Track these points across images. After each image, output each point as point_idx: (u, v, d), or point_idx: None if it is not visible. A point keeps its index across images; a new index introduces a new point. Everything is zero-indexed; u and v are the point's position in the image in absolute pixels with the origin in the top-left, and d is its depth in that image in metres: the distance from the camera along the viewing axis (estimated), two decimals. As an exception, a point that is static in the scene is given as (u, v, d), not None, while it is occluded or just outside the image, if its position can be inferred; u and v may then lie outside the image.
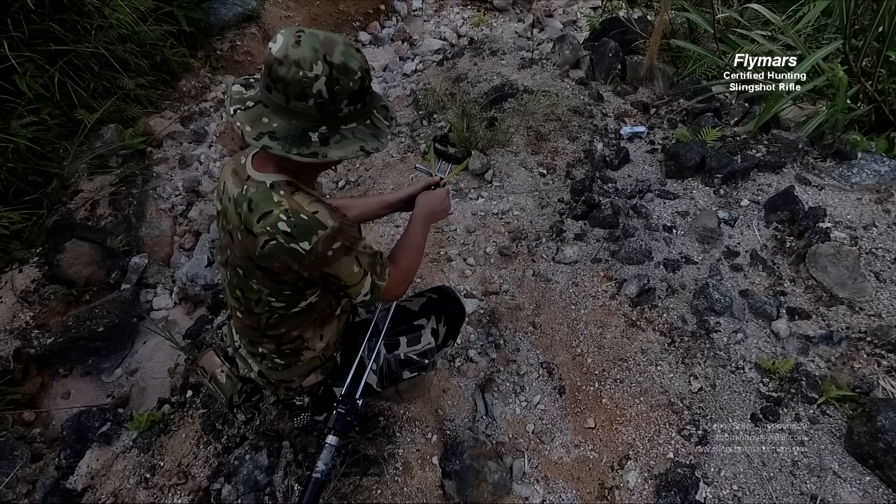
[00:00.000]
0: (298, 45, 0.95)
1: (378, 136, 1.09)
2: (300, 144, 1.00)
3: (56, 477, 1.93)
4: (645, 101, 3.20)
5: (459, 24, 4.89)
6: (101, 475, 1.89)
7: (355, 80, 1.00)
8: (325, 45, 0.96)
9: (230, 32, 4.13)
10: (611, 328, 2.10)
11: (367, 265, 1.16)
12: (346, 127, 1.05)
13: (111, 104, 3.23)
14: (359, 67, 1.00)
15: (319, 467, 1.28)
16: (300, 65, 0.94)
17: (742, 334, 2.02)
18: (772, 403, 1.82)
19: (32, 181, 2.89)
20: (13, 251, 2.66)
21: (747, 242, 2.36)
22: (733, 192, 2.57)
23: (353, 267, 1.13)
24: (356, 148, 1.04)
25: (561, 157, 2.86)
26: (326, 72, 0.96)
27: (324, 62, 0.95)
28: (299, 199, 1.07)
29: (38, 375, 2.43)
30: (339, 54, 0.97)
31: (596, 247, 2.40)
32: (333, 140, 1.03)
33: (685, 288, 2.20)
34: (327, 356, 1.41)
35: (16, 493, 1.94)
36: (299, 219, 1.04)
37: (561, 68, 3.41)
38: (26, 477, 1.98)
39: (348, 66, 0.98)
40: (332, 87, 0.97)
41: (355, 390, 1.40)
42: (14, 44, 2.81)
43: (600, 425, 1.86)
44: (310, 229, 1.04)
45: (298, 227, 1.04)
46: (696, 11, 3.00)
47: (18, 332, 2.39)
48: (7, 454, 2.01)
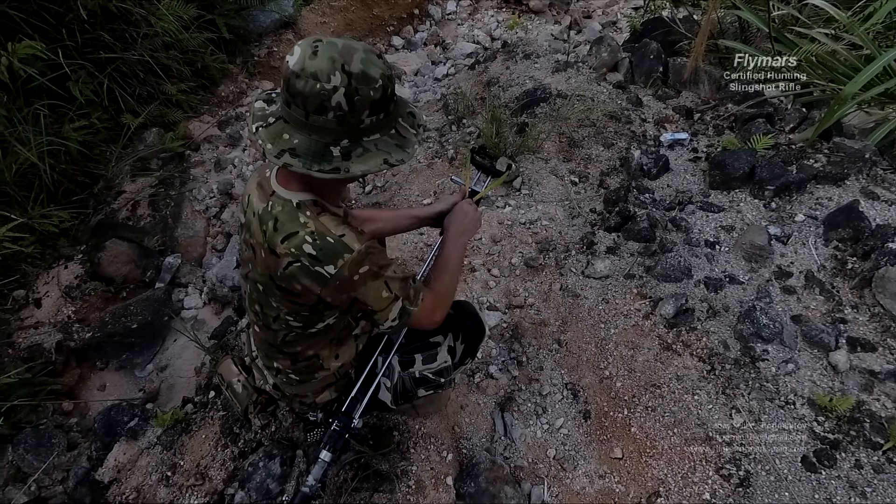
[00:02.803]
0: (315, 56, 0.90)
1: (404, 147, 1.02)
2: (321, 160, 0.95)
3: (87, 468, 2.00)
4: (688, 106, 3.01)
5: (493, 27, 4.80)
6: (126, 469, 1.93)
7: (376, 88, 0.94)
8: (343, 54, 0.90)
9: (267, 39, 4.23)
10: (643, 350, 1.96)
11: (397, 290, 1.11)
12: (368, 139, 0.99)
13: (154, 109, 3.36)
14: (380, 75, 0.94)
15: (309, 482, 1.25)
16: (317, 77, 0.89)
17: (793, 365, 1.84)
18: (827, 446, 1.64)
19: (81, 182, 3.03)
20: (60, 248, 2.79)
21: (802, 262, 2.16)
22: (787, 206, 2.37)
23: (382, 292, 1.09)
24: (379, 161, 0.98)
25: (594, 165, 2.73)
26: (345, 82, 0.90)
27: (342, 72, 0.90)
28: (326, 220, 1.03)
29: (77, 367, 2.53)
30: (357, 62, 0.91)
31: (629, 261, 2.26)
32: (356, 154, 0.97)
33: (728, 310, 2.03)
34: (342, 374, 1.38)
35: (52, 479, 2.01)
36: (325, 242, 1.00)
37: (597, 71, 3.27)
38: (62, 465, 2.05)
39: (368, 75, 0.92)
40: (352, 97, 0.92)
41: (354, 409, 1.36)
42: (68, 52, 2.95)
43: (628, 456, 1.73)
44: (335, 253, 1.00)
45: (324, 250, 1.00)
46: (748, 9, 2.79)
47: (61, 326, 2.50)
48: (46, 441, 2.08)
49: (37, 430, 2.06)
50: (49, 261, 2.71)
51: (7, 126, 2.59)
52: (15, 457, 1.98)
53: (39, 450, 2.00)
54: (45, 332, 2.43)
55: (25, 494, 1.89)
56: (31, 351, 2.30)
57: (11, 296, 2.49)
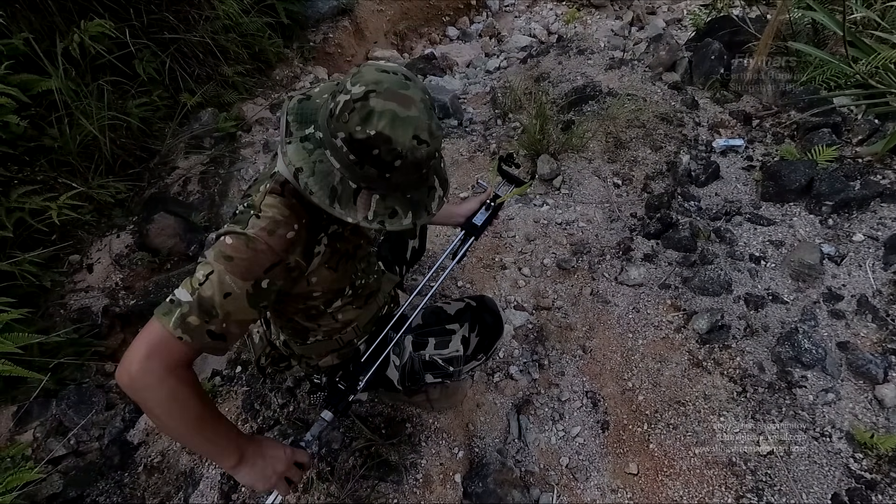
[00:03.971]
0: (394, 127, 0.89)
1: (416, 212, 1.01)
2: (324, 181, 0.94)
3: (120, 428, 2.12)
4: (747, 111, 2.83)
5: (551, 21, 4.68)
6: (154, 433, 2.03)
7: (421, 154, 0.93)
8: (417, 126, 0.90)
9: (324, 25, 4.30)
10: (671, 365, 1.89)
11: (190, 283, 0.93)
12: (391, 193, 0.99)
13: (210, 89, 3.49)
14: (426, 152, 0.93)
15: (306, 437, 1.25)
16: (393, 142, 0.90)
17: (834, 395, 1.72)
18: (863, 486, 1.52)
19: (138, 156, 3.19)
20: (115, 218, 2.96)
21: (856, 285, 2.00)
22: (845, 224, 2.20)
23: (197, 275, 0.94)
24: (378, 221, 0.97)
25: (640, 168, 2.62)
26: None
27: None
28: (269, 199, 1.00)
29: (122, 332, 2.67)
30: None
31: (666, 270, 2.17)
32: (361, 197, 0.96)
33: (768, 330, 1.91)
34: (344, 342, 1.37)
35: (89, 435, 2.14)
36: (247, 211, 0.99)
37: (653, 70, 3.13)
38: (99, 422, 2.18)
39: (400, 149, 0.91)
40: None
41: (362, 372, 1.35)
42: (134, 31, 3.10)
43: (644, 473, 1.67)
44: (239, 221, 0.98)
45: (241, 214, 0.99)
46: (823, 10, 2.59)
47: (108, 292, 2.66)
48: (87, 399, 2.22)
49: (80, 388, 2.19)
50: (103, 229, 2.87)
51: (74, 99, 2.75)
52: (58, 411, 2.11)
53: (80, 407, 2.12)
54: (94, 297, 2.58)
55: (64, 447, 2.02)
56: (80, 313, 2.45)
57: (67, 259, 2.66)
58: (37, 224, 2.48)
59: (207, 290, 0.91)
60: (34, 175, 2.62)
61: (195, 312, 0.90)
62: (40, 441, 2.06)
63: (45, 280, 2.47)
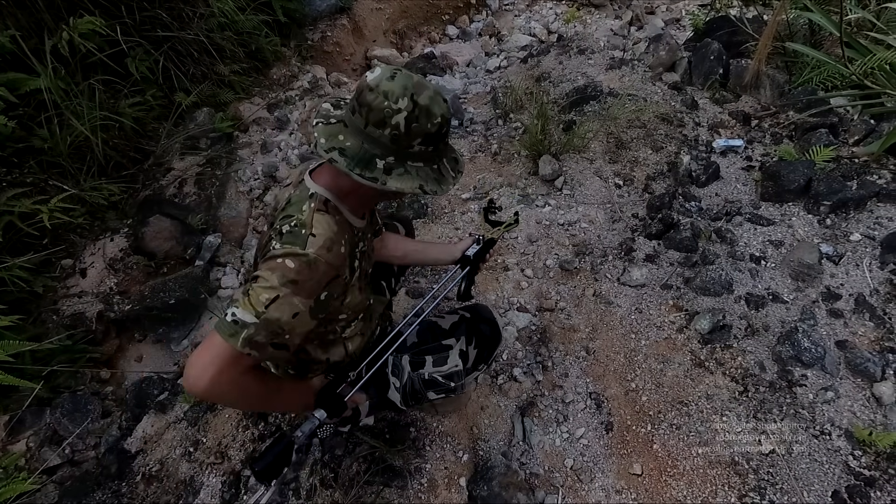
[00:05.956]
0: (392, 80, 1.00)
1: (440, 182, 1.10)
2: (364, 167, 1.02)
3: (117, 436, 2.08)
4: (746, 112, 2.85)
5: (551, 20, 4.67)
6: (152, 441, 2.00)
7: (434, 123, 1.04)
8: (415, 87, 1.01)
9: (322, 23, 4.24)
10: (673, 365, 1.89)
11: (252, 304, 0.96)
12: (412, 164, 1.07)
13: (206, 88, 3.42)
14: (440, 114, 1.04)
15: (297, 433, 1.24)
16: (388, 96, 0.99)
17: (833, 393, 1.73)
18: (862, 483, 1.53)
19: (131, 157, 3.13)
20: (108, 221, 2.90)
21: (853, 285, 2.02)
22: (842, 224, 2.22)
23: (261, 293, 0.97)
24: (415, 185, 1.05)
25: (641, 169, 2.63)
26: (409, 108, 1.00)
27: (410, 100, 0.99)
28: (318, 217, 1.07)
29: (117, 338, 2.62)
30: (426, 98, 1.01)
31: (668, 271, 2.18)
32: (396, 171, 1.04)
33: (768, 330, 1.93)
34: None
35: (85, 443, 2.10)
36: (298, 229, 1.04)
37: (653, 70, 3.13)
38: (95, 431, 2.15)
39: (431, 111, 1.02)
40: (410, 123, 1.01)
41: (353, 369, 1.37)
42: (126, 29, 3.04)
43: (648, 473, 1.67)
44: (294, 241, 1.02)
45: (291, 234, 1.03)
46: (820, 11, 2.60)
47: (103, 297, 2.60)
48: (82, 407, 2.18)
49: (74, 396, 2.15)
50: (97, 232, 2.81)
51: (64, 99, 2.69)
52: (52, 420, 2.06)
53: (75, 415, 2.08)
54: (87, 302, 2.53)
55: (59, 456, 1.97)
56: (74, 319, 2.40)
57: (59, 264, 2.60)
58: (27, 228, 2.42)
59: (274, 313, 0.97)
60: (23, 177, 2.56)
61: (262, 332, 0.97)
62: (34, 451, 2.02)
63: (36, 285, 2.42)
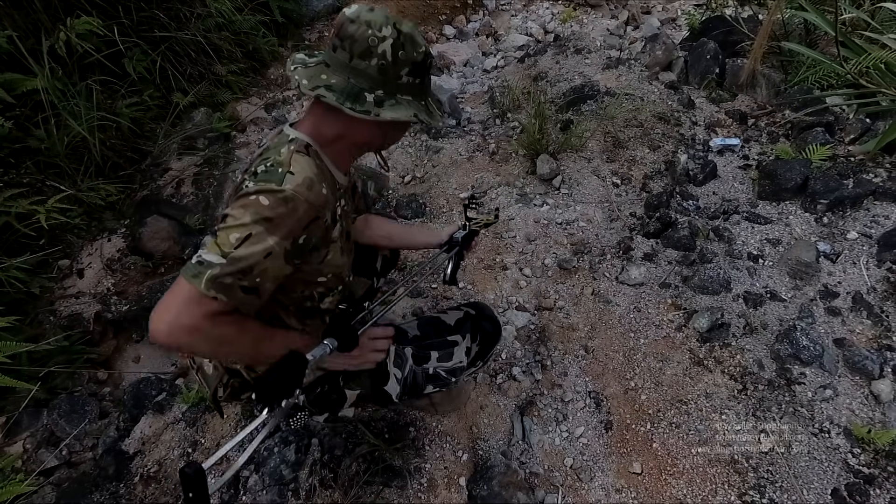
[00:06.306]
0: (371, 11, 1.00)
1: (431, 115, 1.10)
2: (354, 101, 1.00)
3: (115, 437, 2.07)
4: (742, 111, 2.86)
5: (548, 20, 4.67)
6: (151, 442, 2.00)
7: (419, 52, 1.03)
8: (395, 17, 1.02)
9: (319, 23, 4.25)
10: (672, 364, 1.89)
11: (218, 245, 0.89)
12: (402, 97, 1.05)
13: (203, 88, 3.42)
14: (423, 44, 1.04)
15: (307, 356, 1.13)
16: (371, 25, 0.99)
17: (832, 391, 1.74)
18: (861, 480, 1.54)
19: (129, 157, 3.12)
20: (105, 221, 2.89)
21: (850, 282, 2.03)
22: (839, 222, 2.22)
23: (232, 232, 0.90)
24: (410, 113, 1.03)
25: (638, 168, 2.63)
26: (394, 35, 0.99)
27: (393, 27, 1.00)
28: (298, 157, 0.99)
29: (114, 339, 2.61)
30: (407, 27, 1.02)
31: (666, 270, 2.18)
32: (388, 103, 1.03)
33: (767, 328, 1.93)
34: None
35: (82, 445, 2.09)
36: (275, 169, 0.97)
37: (650, 70, 3.14)
38: (92, 432, 2.13)
39: (415, 39, 1.03)
40: (397, 51, 1.00)
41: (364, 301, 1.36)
42: (123, 29, 3.03)
43: (647, 472, 1.68)
44: (269, 178, 0.95)
45: (266, 172, 0.97)
46: (815, 11, 2.61)
47: (100, 297, 2.59)
48: (79, 408, 2.16)
49: (71, 397, 2.14)
50: (94, 233, 2.80)
51: (61, 99, 2.69)
52: (49, 421, 2.05)
53: (72, 416, 2.07)
54: (85, 302, 2.52)
55: (57, 458, 1.96)
56: (71, 319, 2.38)
57: (56, 265, 2.59)
58: (24, 228, 2.41)
59: (243, 251, 0.89)
60: (20, 178, 2.55)
61: (229, 272, 0.88)
62: (31, 452, 2.01)
63: (33, 286, 2.40)
